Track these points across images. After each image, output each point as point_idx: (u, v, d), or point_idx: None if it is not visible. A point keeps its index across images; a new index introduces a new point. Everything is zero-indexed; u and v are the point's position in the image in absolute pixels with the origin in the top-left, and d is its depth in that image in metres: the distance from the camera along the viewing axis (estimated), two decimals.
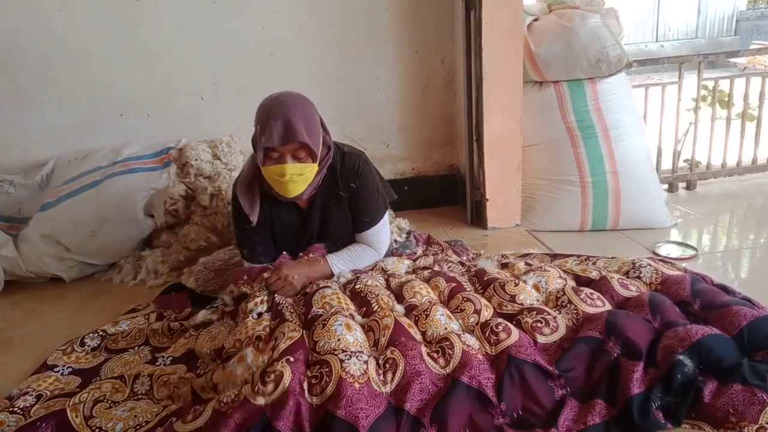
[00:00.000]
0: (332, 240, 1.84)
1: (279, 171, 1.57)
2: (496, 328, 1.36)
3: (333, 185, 1.76)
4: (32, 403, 1.42)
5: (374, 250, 1.85)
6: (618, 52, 2.29)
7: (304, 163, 1.58)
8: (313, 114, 1.62)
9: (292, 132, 1.52)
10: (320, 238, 1.83)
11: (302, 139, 1.53)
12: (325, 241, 1.83)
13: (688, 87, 2.83)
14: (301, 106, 1.58)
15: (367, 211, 1.79)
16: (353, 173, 1.75)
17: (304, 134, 1.53)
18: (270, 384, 1.19)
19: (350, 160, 1.76)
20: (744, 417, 1.15)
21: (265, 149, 1.56)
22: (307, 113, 1.59)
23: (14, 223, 2.38)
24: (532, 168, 2.50)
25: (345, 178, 1.75)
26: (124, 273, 2.29)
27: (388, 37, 2.70)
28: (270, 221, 1.77)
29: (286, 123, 1.53)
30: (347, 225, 1.82)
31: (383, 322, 1.38)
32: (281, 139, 1.53)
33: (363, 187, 1.76)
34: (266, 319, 1.48)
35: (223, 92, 2.64)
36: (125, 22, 2.48)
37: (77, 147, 2.53)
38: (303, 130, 1.53)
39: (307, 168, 1.59)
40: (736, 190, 2.91)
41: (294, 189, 1.62)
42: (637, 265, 1.67)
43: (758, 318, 1.32)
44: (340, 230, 1.82)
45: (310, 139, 1.55)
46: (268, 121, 1.53)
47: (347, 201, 1.78)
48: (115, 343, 1.72)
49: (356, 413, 1.13)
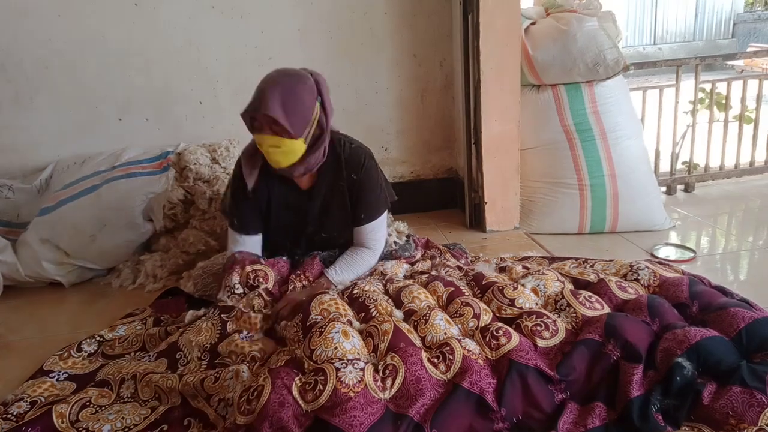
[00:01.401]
0: (330, 232, 1.85)
1: (258, 139, 1.66)
2: (497, 333, 1.36)
3: (337, 174, 1.79)
4: (26, 409, 1.41)
5: (369, 248, 1.85)
6: (615, 56, 2.30)
7: (279, 136, 1.62)
8: (300, 92, 1.62)
9: (263, 104, 1.57)
10: (319, 227, 1.84)
11: (268, 112, 1.56)
12: (323, 232, 1.84)
13: (685, 90, 2.84)
14: (287, 82, 1.62)
15: (367, 206, 1.82)
16: (357, 165, 1.79)
17: (275, 108, 1.56)
18: (253, 401, 1.18)
19: (356, 153, 1.81)
20: (743, 419, 1.15)
21: (250, 117, 1.64)
22: (290, 90, 1.60)
23: (13, 228, 2.38)
24: (531, 171, 2.51)
25: (348, 169, 1.79)
26: (123, 277, 2.28)
27: (386, 41, 2.70)
28: (267, 200, 1.80)
29: (261, 94, 1.59)
30: (346, 217, 1.83)
31: (382, 328, 1.38)
32: (253, 107, 1.60)
33: (365, 180, 1.80)
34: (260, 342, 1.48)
35: (221, 96, 2.64)
36: (124, 27, 2.48)
37: (76, 151, 2.53)
38: (276, 105, 1.56)
39: (283, 142, 1.62)
40: (734, 192, 2.92)
41: (276, 160, 1.66)
42: (635, 267, 1.67)
43: (756, 320, 1.32)
44: (339, 222, 1.84)
45: (285, 114, 1.57)
46: (255, 92, 1.62)
47: (347, 192, 1.80)
48: (111, 348, 1.72)
49: (350, 421, 1.13)
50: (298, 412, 1.17)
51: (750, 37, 10.63)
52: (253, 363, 1.42)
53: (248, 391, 1.22)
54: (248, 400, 1.19)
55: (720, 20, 11.07)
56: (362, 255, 1.84)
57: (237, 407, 1.20)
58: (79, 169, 2.39)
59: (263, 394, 1.18)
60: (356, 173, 1.78)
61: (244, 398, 1.20)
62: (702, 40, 11.03)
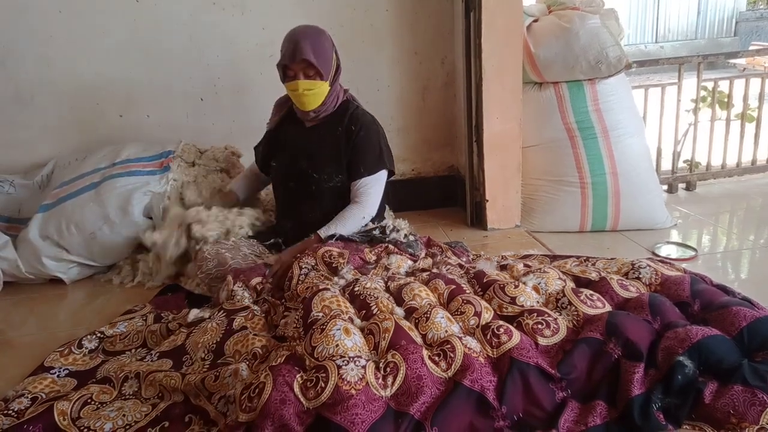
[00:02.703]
0: (321, 169, 2.02)
1: (293, 86, 1.92)
2: (498, 331, 1.36)
3: (338, 121, 2.02)
4: (27, 405, 1.41)
5: (358, 203, 2.00)
6: (617, 53, 2.29)
7: (313, 80, 1.91)
8: (323, 41, 1.93)
9: (299, 51, 1.86)
10: (310, 163, 2.02)
11: (307, 57, 1.85)
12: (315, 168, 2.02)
13: (687, 88, 2.84)
14: (311, 33, 1.92)
15: (363, 160, 2.00)
16: (359, 120, 2.01)
17: (310, 54, 1.85)
18: (254, 399, 1.18)
19: (363, 113, 2.06)
20: (745, 418, 1.15)
21: (283, 67, 1.93)
22: (316, 39, 1.91)
23: (14, 224, 2.38)
24: (532, 169, 2.50)
25: (350, 120, 2.01)
26: (124, 274, 2.28)
27: (387, 38, 2.70)
28: (284, 136, 2.11)
29: (295, 44, 1.87)
30: (337, 159, 2.01)
31: (383, 326, 1.38)
32: (290, 57, 1.88)
33: (363, 137, 2.00)
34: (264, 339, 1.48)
35: (222, 93, 2.64)
36: (125, 23, 2.48)
37: (77, 147, 2.53)
38: (310, 51, 1.86)
39: (316, 84, 1.92)
40: (736, 190, 2.92)
41: (308, 102, 1.95)
42: (636, 266, 1.67)
43: (758, 319, 1.32)
44: (328, 161, 2.02)
45: (316, 59, 1.86)
46: (284, 44, 1.92)
47: (343, 139, 2.00)
48: (112, 345, 1.72)
49: (352, 419, 1.13)
50: (300, 409, 1.17)
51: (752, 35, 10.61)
52: (254, 360, 1.42)
53: (249, 388, 1.21)
54: (249, 397, 1.19)
55: (722, 18, 11.05)
56: (350, 209, 1.99)
57: (238, 404, 1.20)
58: (80, 166, 2.38)
59: (265, 391, 1.18)
60: (355, 125, 1.99)
61: (245, 395, 1.20)
62: (704, 39, 11.01)
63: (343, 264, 1.77)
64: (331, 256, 1.79)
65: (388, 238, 1.99)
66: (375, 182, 2.02)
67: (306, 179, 2.04)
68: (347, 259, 1.79)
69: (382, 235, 2.01)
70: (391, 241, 1.98)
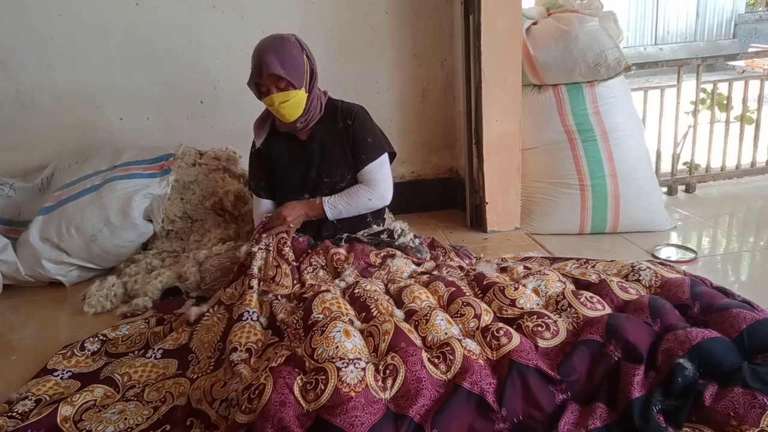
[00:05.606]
0: (331, 175, 2.01)
1: (269, 101, 1.88)
2: (497, 333, 1.36)
3: (333, 121, 2.01)
4: (31, 407, 1.42)
5: (368, 186, 2.00)
6: (616, 56, 2.30)
7: (286, 91, 1.85)
8: (289, 49, 1.85)
9: (265, 67, 1.81)
10: (321, 169, 2.00)
11: (274, 70, 1.80)
12: (325, 175, 2.00)
13: (686, 90, 2.84)
14: (274, 44, 1.85)
15: (364, 148, 2.00)
16: (351, 113, 2.01)
17: (277, 66, 1.80)
18: (254, 400, 1.18)
19: (350, 105, 2.05)
20: (745, 420, 1.15)
21: (255, 85, 1.89)
22: (281, 49, 1.84)
23: (14, 227, 2.38)
24: (532, 171, 2.51)
25: (343, 117, 2.01)
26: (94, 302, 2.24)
27: (387, 41, 2.70)
28: (277, 155, 2.05)
29: (260, 60, 1.82)
30: (345, 157, 2.01)
31: (383, 328, 1.38)
32: (258, 74, 1.84)
33: (359, 127, 2.00)
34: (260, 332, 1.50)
35: (222, 96, 2.64)
36: (125, 26, 2.49)
37: (77, 150, 2.52)
38: (276, 63, 1.80)
39: (290, 95, 1.86)
40: (736, 192, 2.92)
41: (288, 113, 1.90)
42: (636, 268, 1.67)
43: (758, 321, 1.32)
44: (338, 162, 2.01)
45: (284, 69, 1.81)
46: (252, 61, 1.87)
47: (344, 135, 2.00)
48: (115, 347, 1.72)
49: (351, 421, 1.13)
50: (300, 411, 1.17)
51: (751, 37, 10.63)
52: (249, 355, 1.43)
53: (249, 389, 1.22)
54: (249, 398, 1.19)
55: (721, 21, 11.07)
56: (359, 187, 2.01)
57: (238, 405, 1.20)
58: (80, 169, 2.38)
59: (265, 393, 1.18)
60: (350, 119, 2.00)
61: (245, 396, 1.20)
62: (703, 41, 11.03)
63: (347, 267, 1.79)
64: (338, 261, 1.85)
65: (397, 243, 2.00)
66: (380, 166, 2.02)
67: (319, 186, 2.02)
68: (351, 263, 1.82)
69: (391, 239, 2.01)
70: (400, 245, 1.99)
